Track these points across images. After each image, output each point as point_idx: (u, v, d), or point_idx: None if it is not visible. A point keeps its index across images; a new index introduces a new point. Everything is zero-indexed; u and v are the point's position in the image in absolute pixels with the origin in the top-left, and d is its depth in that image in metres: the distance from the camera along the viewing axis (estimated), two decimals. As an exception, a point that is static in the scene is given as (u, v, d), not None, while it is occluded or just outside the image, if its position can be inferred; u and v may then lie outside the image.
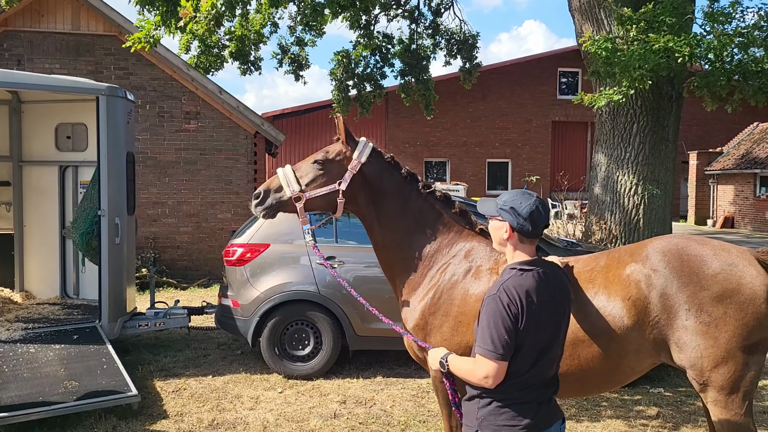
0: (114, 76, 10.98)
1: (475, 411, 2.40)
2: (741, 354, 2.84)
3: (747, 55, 7.86)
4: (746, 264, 2.92)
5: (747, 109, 13.13)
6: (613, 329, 2.98)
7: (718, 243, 3.07)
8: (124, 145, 6.62)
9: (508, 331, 2.28)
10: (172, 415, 5.16)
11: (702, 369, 2.88)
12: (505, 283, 2.35)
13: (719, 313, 2.85)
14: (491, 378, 2.28)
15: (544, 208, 2.44)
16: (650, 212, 8.61)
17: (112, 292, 6.27)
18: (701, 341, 2.86)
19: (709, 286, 2.87)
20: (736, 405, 2.87)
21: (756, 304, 2.85)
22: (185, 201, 11.49)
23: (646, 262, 3.01)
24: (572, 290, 3.08)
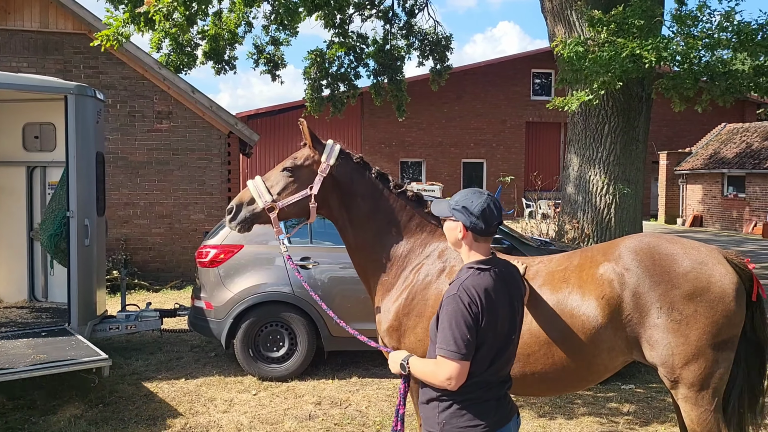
0: (83, 75, 10.78)
1: (436, 415, 2.38)
2: (711, 351, 2.89)
3: (714, 56, 8.02)
4: (715, 262, 2.98)
5: (715, 110, 13.44)
6: (587, 328, 3.01)
7: (688, 242, 3.12)
8: (94, 145, 6.50)
9: (470, 331, 2.28)
10: (144, 420, 5.08)
11: (673, 366, 2.92)
12: (464, 282, 2.35)
13: (690, 311, 2.89)
14: (454, 379, 2.27)
15: (496, 206, 2.45)
16: (621, 211, 8.75)
17: (82, 295, 6.15)
18: (672, 339, 2.90)
19: (680, 284, 2.92)
20: (706, 401, 2.92)
21: (725, 302, 2.90)
22: (157, 202, 11.33)
23: (618, 261, 3.05)
24: (545, 290, 3.12)
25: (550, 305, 3.09)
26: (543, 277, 3.21)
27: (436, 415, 2.37)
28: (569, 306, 3.05)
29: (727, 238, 19.98)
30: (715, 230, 22.96)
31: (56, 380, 5.91)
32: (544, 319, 3.08)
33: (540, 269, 3.26)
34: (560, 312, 3.06)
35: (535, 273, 3.24)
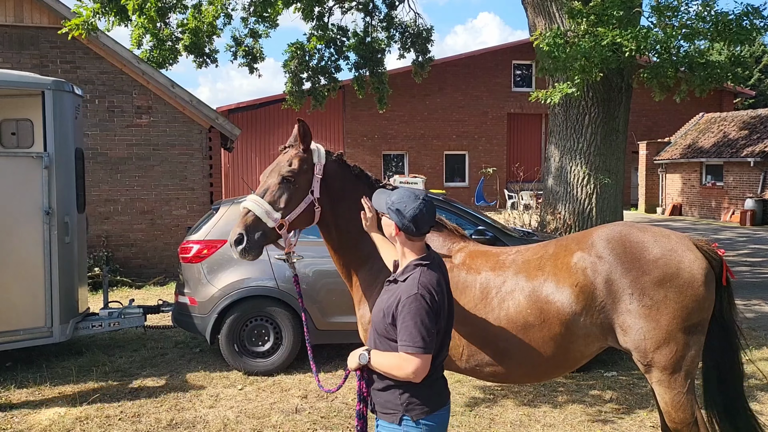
0: (60, 70, 10.62)
1: (397, 397, 2.53)
2: (681, 335, 2.97)
3: (693, 46, 8.12)
4: (685, 249, 3.06)
5: (693, 100, 13.65)
6: (563, 315, 3.09)
7: (659, 230, 3.20)
8: (73, 141, 6.43)
9: (433, 326, 2.45)
10: (129, 416, 5.06)
11: (645, 350, 3.00)
12: (421, 280, 2.50)
13: (660, 296, 2.97)
14: (420, 373, 2.43)
15: (429, 210, 2.58)
16: (602, 201, 8.85)
17: (63, 292, 6.09)
18: (644, 324, 2.98)
19: (650, 270, 3.00)
20: (679, 384, 3.01)
21: (694, 287, 2.98)
22: (138, 198, 11.22)
23: (591, 250, 3.13)
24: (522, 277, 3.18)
25: (525, 293, 3.16)
26: (518, 265, 3.27)
27: (397, 397, 2.53)
28: (544, 293, 3.13)
29: (705, 227, 20.29)
30: (693, 219, 23.29)
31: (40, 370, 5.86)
32: (520, 307, 3.15)
33: (516, 258, 3.33)
34: (536, 299, 3.13)
35: (511, 261, 3.30)
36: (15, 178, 5.93)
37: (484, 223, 6.45)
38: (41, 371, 6.14)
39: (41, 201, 5.99)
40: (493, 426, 4.85)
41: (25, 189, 5.96)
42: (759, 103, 34.50)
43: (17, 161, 6.03)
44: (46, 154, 6.03)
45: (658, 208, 25.46)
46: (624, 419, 4.98)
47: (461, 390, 5.62)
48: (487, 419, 4.96)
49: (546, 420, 4.97)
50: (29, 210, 5.96)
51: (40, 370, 6.18)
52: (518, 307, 3.15)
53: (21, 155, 6.17)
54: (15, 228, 5.91)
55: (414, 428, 2.52)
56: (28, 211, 5.96)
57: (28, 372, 6.12)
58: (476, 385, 5.69)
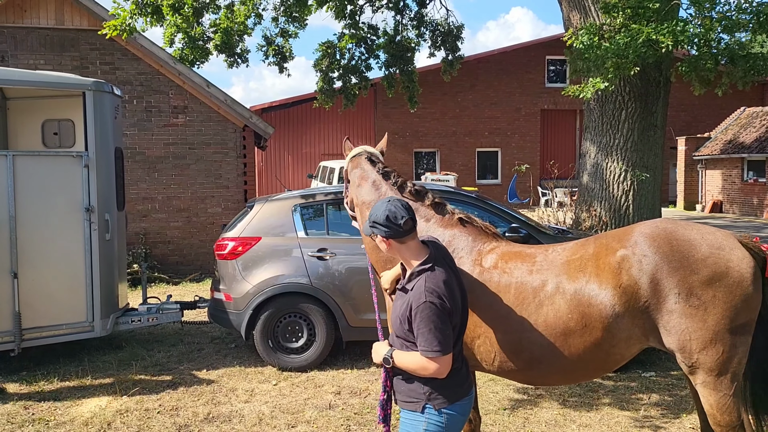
0: (100, 71, 10.88)
1: (420, 387, 2.63)
2: (729, 336, 2.88)
3: (733, 39, 7.89)
4: (732, 247, 2.96)
5: (734, 94, 13.23)
6: (605, 317, 2.97)
7: (704, 227, 3.10)
8: (112, 140, 6.58)
9: (447, 327, 2.56)
10: (168, 409, 5.16)
11: (691, 352, 2.91)
12: (426, 286, 2.58)
13: (709, 296, 2.88)
14: (443, 372, 2.57)
15: (397, 206, 2.67)
16: (639, 198, 8.67)
17: (104, 289, 6.24)
18: (690, 324, 2.89)
19: (699, 270, 2.90)
20: (725, 386, 2.92)
21: (743, 286, 2.89)
22: (175, 196, 11.43)
23: (635, 248, 3.01)
24: (564, 279, 3.08)
25: (567, 296, 3.03)
26: (558, 266, 3.14)
27: (420, 386, 2.64)
28: (587, 296, 3.00)
29: (746, 224, 19.72)
30: (734, 216, 22.66)
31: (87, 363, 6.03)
32: (560, 312, 3.03)
33: (554, 258, 3.19)
34: (577, 303, 3.00)
35: (549, 263, 3.17)
36: (57, 177, 6.10)
37: (517, 220, 6.38)
38: (83, 365, 6.31)
39: (82, 199, 6.15)
40: (527, 425, 4.80)
41: (67, 187, 6.12)
42: (804, 97, 33.31)
43: (59, 160, 6.20)
44: (86, 154, 6.19)
45: (698, 205, 24.83)
46: (662, 421, 4.88)
47: (495, 389, 5.58)
48: (521, 418, 4.92)
49: (582, 420, 4.90)
50: (71, 208, 6.13)
51: (82, 363, 6.36)
52: (558, 312, 3.03)
53: (63, 155, 6.35)
54: (57, 225, 6.08)
55: (436, 417, 2.61)
56: (70, 209, 6.12)
57: (71, 365, 6.30)
58: (510, 385, 5.64)
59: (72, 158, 6.20)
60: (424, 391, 2.62)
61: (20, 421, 4.91)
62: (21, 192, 5.89)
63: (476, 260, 3.26)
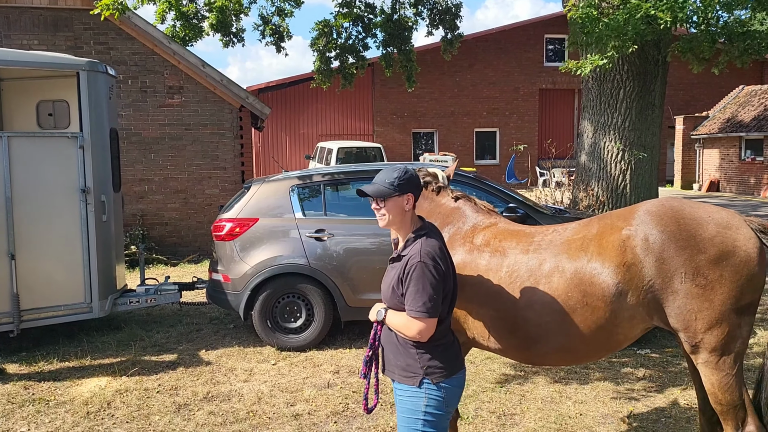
0: (94, 51, 10.78)
1: (417, 359, 2.70)
2: (734, 316, 2.87)
3: (732, 17, 7.83)
4: (739, 226, 2.94)
5: (733, 72, 13.22)
6: (608, 297, 2.97)
7: (709, 206, 3.08)
8: (107, 121, 6.55)
9: (436, 291, 2.62)
10: (167, 389, 5.20)
11: (696, 331, 2.90)
12: (423, 249, 2.66)
13: (715, 275, 2.86)
14: (425, 335, 2.63)
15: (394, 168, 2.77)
16: (637, 178, 8.67)
17: (101, 270, 6.26)
18: (696, 304, 2.87)
19: (706, 248, 2.87)
20: (728, 366, 2.91)
21: (750, 265, 2.88)
22: (172, 177, 11.40)
23: (641, 227, 2.99)
24: (564, 258, 3.09)
25: (567, 275, 3.04)
26: (558, 245, 3.15)
27: (417, 361, 2.71)
28: (588, 275, 3.00)
29: (743, 203, 19.76)
30: (731, 195, 22.69)
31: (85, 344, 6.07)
32: (558, 290, 3.04)
33: (554, 238, 3.20)
34: (578, 282, 3.01)
35: (548, 242, 3.18)
36: (53, 158, 6.08)
37: (515, 200, 6.39)
38: (82, 345, 6.35)
39: (78, 180, 6.13)
40: (523, 402, 4.85)
41: (63, 169, 6.10)
42: (803, 75, 33.17)
43: (54, 142, 6.17)
44: (81, 135, 6.16)
45: (695, 184, 24.85)
46: (656, 397, 4.93)
47: (492, 366, 5.63)
48: (517, 395, 4.97)
49: (577, 397, 4.95)
50: (67, 189, 6.11)
51: (81, 344, 6.39)
52: (556, 291, 3.04)
53: (58, 136, 6.31)
54: (54, 207, 6.07)
55: (435, 391, 2.68)
56: (66, 191, 6.11)
57: (70, 346, 6.34)
58: (506, 362, 5.69)
59: (67, 139, 6.17)
60: (421, 365, 2.68)
61: (20, 401, 4.95)
62: (17, 173, 5.87)
63: (470, 238, 3.33)
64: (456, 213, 3.47)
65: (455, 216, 3.46)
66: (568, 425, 4.45)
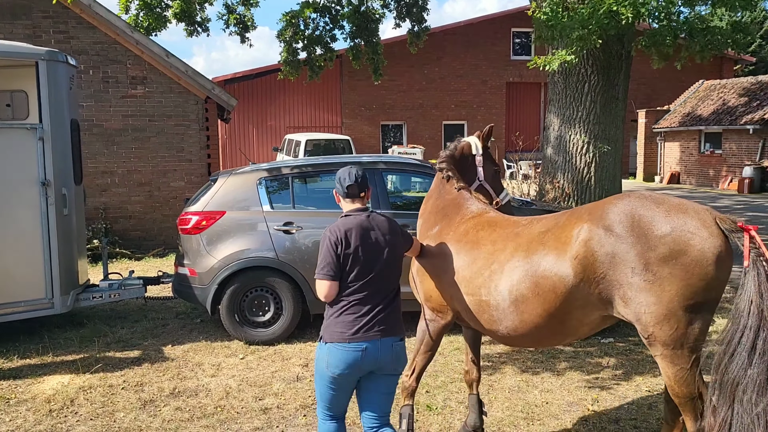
0: (54, 41, 10.47)
1: (325, 320, 3.19)
2: (683, 313, 2.90)
3: (693, 12, 8.01)
4: (700, 226, 2.92)
5: (693, 67, 13.53)
6: (558, 288, 3.09)
7: (677, 203, 3.05)
8: (68, 112, 6.38)
9: (332, 257, 3.07)
10: (132, 385, 5.12)
11: (646, 324, 2.96)
12: (332, 224, 3.18)
13: (664, 272, 2.88)
14: (323, 294, 3.10)
15: (348, 175, 3.24)
16: (601, 170, 8.83)
17: (63, 265, 6.11)
18: (644, 298, 2.92)
19: (656, 246, 2.91)
20: (682, 360, 2.96)
21: (702, 266, 2.87)
22: (135, 170, 11.17)
23: (599, 221, 3.07)
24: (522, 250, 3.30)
25: (523, 267, 3.23)
26: (524, 237, 3.34)
27: (325, 320, 3.19)
28: (541, 268, 3.16)
29: (702, 195, 20.31)
30: (691, 187, 23.30)
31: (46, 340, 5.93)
32: (513, 280, 3.25)
33: (522, 231, 3.39)
34: (532, 273, 3.18)
35: (515, 234, 3.39)
36: (11, 150, 5.89)
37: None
38: (43, 342, 6.20)
39: (37, 173, 5.96)
40: (491, 392, 4.92)
41: (22, 161, 5.92)
42: (759, 70, 34.19)
43: (12, 133, 5.98)
44: (41, 126, 5.99)
45: (657, 176, 25.43)
46: (620, 384, 5.05)
47: (460, 357, 5.68)
48: (485, 385, 5.03)
49: (544, 386, 5.04)
50: (26, 182, 5.94)
51: (42, 341, 6.24)
52: (512, 279, 3.25)
53: (16, 127, 6.12)
54: (12, 200, 5.90)
55: (322, 349, 3.16)
56: (25, 184, 5.94)
57: (31, 343, 6.18)
58: (475, 353, 5.75)
59: (26, 131, 5.99)
60: (325, 325, 3.18)
61: (-21, 401, 4.81)
62: (-28, 166, 5.68)
63: (458, 226, 3.67)
64: (454, 202, 3.85)
65: (453, 205, 3.84)
66: (534, 414, 4.53)
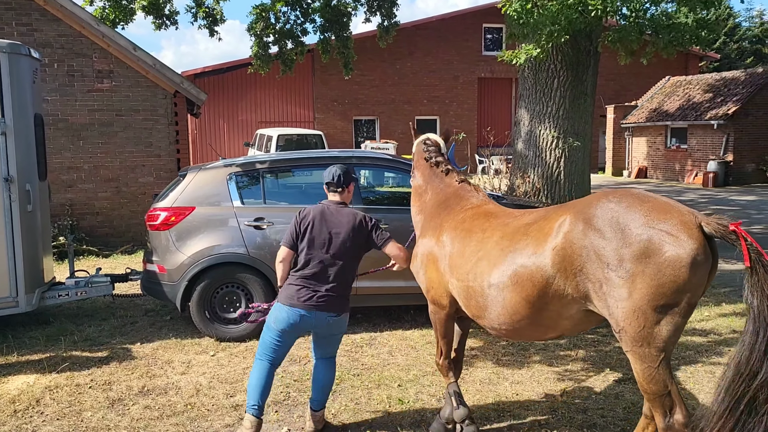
0: (16, 33, 10.19)
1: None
2: (652, 312, 2.91)
3: (659, 9, 8.16)
4: (679, 227, 2.91)
5: (660, 63, 13.79)
6: (536, 276, 3.18)
7: (663, 202, 3.05)
8: (31, 106, 6.22)
9: (293, 229, 3.93)
10: (100, 384, 5.03)
11: (617, 319, 3.00)
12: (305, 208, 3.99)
13: (637, 270, 2.90)
14: (278, 258, 3.95)
15: (328, 173, 4.03)
16: (570, 165, 8.95)
17: (27, 262, 5.96)
18: (617, 293, 2.95)
19: (632, 243, 2.92)
20: (650, 358, 2.98)
21: (675, 267, 2.86)
22: (102, 165, 10.96)
23: (581, 215, 3.11)
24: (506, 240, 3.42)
25: (504, 255, 3.35)
26: (510, 228, 3.48)
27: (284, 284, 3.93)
28: (521, 257, 3.26)
29: (668, 189, 20.74)
30: (657, 181, 23.77)
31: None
32: (494, 267, 3.38)
33: (511, 222, 3.56)
34: (512, 262, 3.29)
35: (504, 225, 3.56)
36: (-29, 145, 5.72)
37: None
38: (7, 341, 6.05)
39: (0, 168, 5.81)
40: (463, 384, 4.95)
41: (-17, 156, 5.76)
42: (723, 66, 35.03)
43: (-27, 128, 5.81)
44: (3, 121, 5.83)
45: (624, 171, 25.88)
46: (589, 375, 5.14)
47: (432, 351, 5.72)
48: (457, 379, 5.07)
49: (514, 378, 5.10)
50: (-12, 178, 5.78)
51: (6, 340, 6.09)
52: (495, 268, 3.38)
53: (-23, 121, 5.95)
54: (-27, 197, 5.73)
55: (275, 305, 3.90)
56: (-13, 180, 5.77)
57: (-6, 343, 6.03)
58: (446, 346, 5.80)
59: (-13, 125, 5.82)
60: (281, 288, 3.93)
61: (-60, 403, 4.68)
62: (-70, 161, 5.50)
63: (457, 217, 3.89)
64: (455, 194, 4.10)
65: (455, 196, 4.08)
66: (505, 406, 4.59)
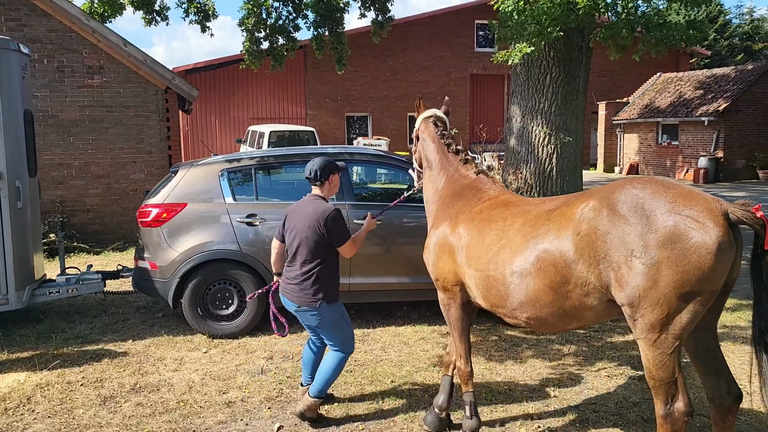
0: (5, 28, 10.10)
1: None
2: (676, 300, 2.90)
3: (650, 7, 8.18)
4: (705, 215, 2.90)
5: (652, 60, 13.88)
6: (559, 261, 3.18)
7: (688, 190, 3.04)
8: (21, 102, 6.17)
9: (281, 224, 4.23)
10: (92, 382, 5.01)
11: (638, 307, 2.98)
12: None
13: (663, 256, 2.88)
14: (272, 250, 4.36)
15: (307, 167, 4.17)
16: (563, 161, 8.96)
17: (18, 259, 5.92)
18: (640, 281, 2.93)
19: (657, 229, 2.91)
20: (665, 345, 2.99)
21: (700, 254, 2.84)
22: (93, 162, 10.89)
23: (605, 201, 3.10)
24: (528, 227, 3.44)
25: (527, 242, 3.35)
26: (532, 215, 3.47)
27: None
28: (544, 242, 3.27)
29: (661, 185, 20.80)
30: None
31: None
32: (516, 255, 3.38)
33: (532, 209, 3.54)
34: (535, 247, 3.30)
35: (525, 212, 3.55)
36: (-40, 141, 5.67)
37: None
38: (-2, 339, 6.01)
39: (-11, 165, 5.76)
40: (455, 380, 4.96)
41: (-28, 153, 5.71)
42: (714, 63, 35.21)
43: (-39, 124, 5.75)
44: (-8, 116, 5.77)
45: (616, 167, 25.98)
46: (581, 370, 5.17)
47: (425, 347, 5.73)
48: (449, 374, 5.07)
49: (507, 374, 5.11)
50: (-23, 174, 5.73)
51: (-3, 338, 6.05)
52: (517, 254, 3.38)
53: (-35, 117, 5.89)
54: (-38, 193, 5.68)
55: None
56: (-24, 176, 5.73)
57: (-16, 341, 5.99)
58: (440, 343, 5.81)
59: (-25, 121, 5.77)
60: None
61: (-71, 401, 4.64)
62: None
63: (474, 207, 3.90)
64: (472, 186, 4.11)
65: (471, 188, 4.09)
66: (498, 401, 4.60)
